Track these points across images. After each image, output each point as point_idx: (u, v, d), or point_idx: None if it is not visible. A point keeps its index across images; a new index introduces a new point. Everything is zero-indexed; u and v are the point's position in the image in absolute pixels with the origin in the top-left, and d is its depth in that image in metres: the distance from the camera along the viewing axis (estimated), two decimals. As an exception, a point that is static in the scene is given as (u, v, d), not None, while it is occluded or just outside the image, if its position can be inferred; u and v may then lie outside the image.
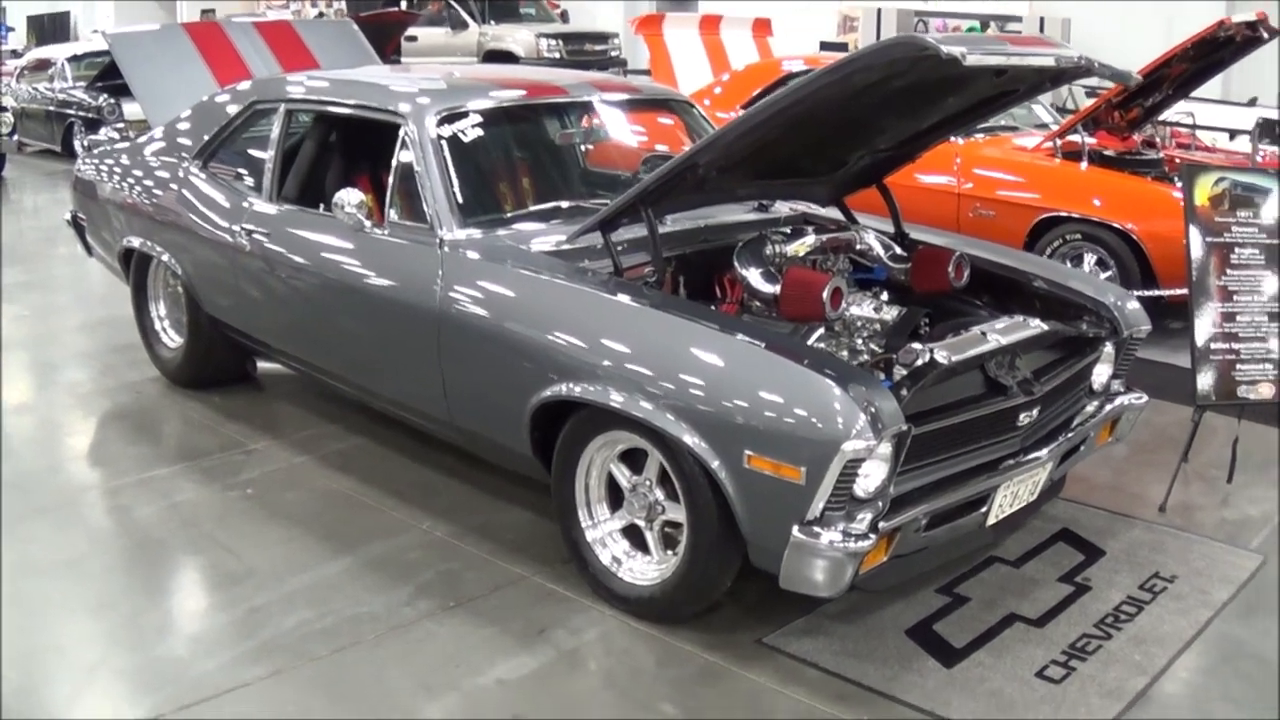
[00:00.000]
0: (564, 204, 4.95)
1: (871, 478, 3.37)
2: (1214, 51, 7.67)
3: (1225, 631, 3.92)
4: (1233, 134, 10.49)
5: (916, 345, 3.66)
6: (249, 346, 5.72)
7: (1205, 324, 4.92)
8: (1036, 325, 4.06)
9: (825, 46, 16.13)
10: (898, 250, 4.62)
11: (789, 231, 4.42)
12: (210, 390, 6.05)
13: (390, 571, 4.20)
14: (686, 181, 4.08)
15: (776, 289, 4.00)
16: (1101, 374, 4.45)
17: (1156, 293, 6.78)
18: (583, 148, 5.69)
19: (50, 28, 28.80)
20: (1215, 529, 4.65)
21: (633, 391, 3.66)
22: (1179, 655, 3.76)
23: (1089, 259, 7.35)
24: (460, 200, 4.49)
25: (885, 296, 4.30)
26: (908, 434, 3.38)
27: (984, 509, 3.82)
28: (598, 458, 3.95)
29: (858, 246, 4.57)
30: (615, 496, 3.99)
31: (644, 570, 3.91)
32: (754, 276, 4.10)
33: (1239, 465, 5.04)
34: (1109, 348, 4.41)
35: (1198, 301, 4.93)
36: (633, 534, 3.98)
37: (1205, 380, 4.89)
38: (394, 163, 4.66)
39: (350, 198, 4.54)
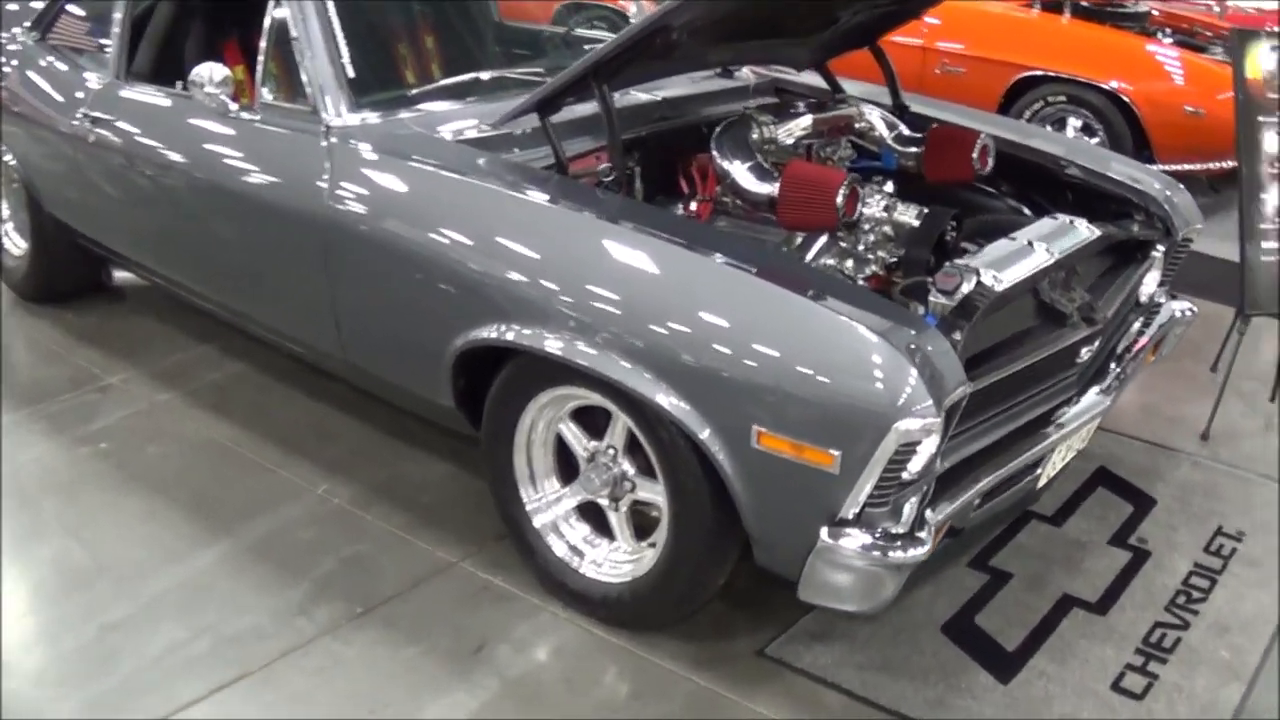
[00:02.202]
0: (483, 75, 3.93)
1: (920, 455, 2.49)
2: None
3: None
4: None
5: (960, 263, 2.77)
6: (100, 254, 4.69)
7: (1255, 218, 4.11)
8: (1088, 229, 3.18)
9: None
10: (904, 130, 3.72)
11: (775, 108, 3.50)
12: (63, 305, 5.03)
13: (279, 560, 3.28)
14: (653, 48, 3.10)
15: (773, 189, 3.09)
16: (1150, 283, 3.62)
17: (1197, 166, 6.00)
18: (495, -1, 4.65)
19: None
20: (1269, 464, 3.91)
21: (584, 334, 2.71)
22: (1271, 646, 3.02)
23: (1073, 123, 6.52)
24: (351, 74, 3.47)
25: (890, 188, 3.41)
26: (967, 394, 2.52)
27: (1038, 470, 3.01)
28: (542, 417, 3.04)
29: (857, 126, 3.67)
30: (566, 461, 3.10)
31: (610, 562, 3.03)
32: (740, 172, 3.18)
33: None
34: (1158, 251, 3.58)
35: (1249, 193, 4.11)
36: (591, 510, 3.10)
37: (1257, 283, 4.09)
38: (266, 26, 3.62)
39: (211, 73, 3.54)
